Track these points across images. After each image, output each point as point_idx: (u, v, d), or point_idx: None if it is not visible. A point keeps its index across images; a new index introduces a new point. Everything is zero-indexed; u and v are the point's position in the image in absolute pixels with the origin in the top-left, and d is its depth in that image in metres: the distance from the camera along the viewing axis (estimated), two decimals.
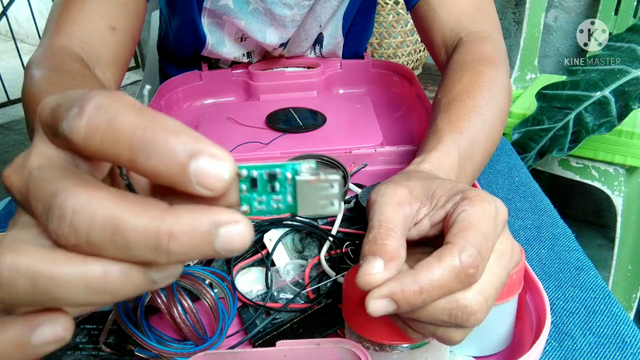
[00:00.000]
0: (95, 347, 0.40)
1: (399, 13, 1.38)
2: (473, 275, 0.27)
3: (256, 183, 0.20)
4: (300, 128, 0.70)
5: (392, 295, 0.27)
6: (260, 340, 0.40)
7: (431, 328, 0.29)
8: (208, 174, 0.17)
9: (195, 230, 0.17)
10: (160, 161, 0.17)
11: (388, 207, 0.31)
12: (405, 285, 0.26)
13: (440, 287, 0.27)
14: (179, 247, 0.17)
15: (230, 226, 0.17)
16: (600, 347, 0.41)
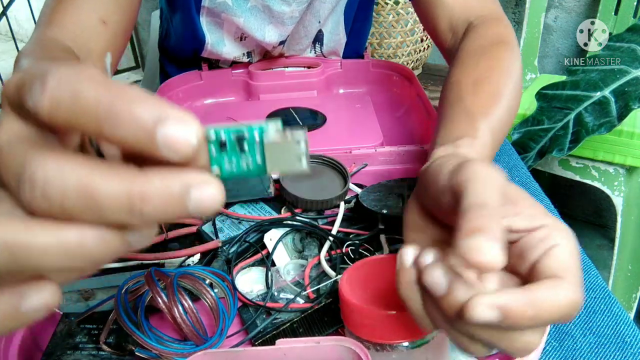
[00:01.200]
0: (95, 347, 0.40)
1: (399, 13, 1.38)
2: (573, 316, 0.26)
3: (225, 145, 0.20)
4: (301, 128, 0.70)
5: (506, 307, 0.25)
6: (260, 340, 0.40)
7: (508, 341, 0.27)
8: (176, 139, 0.17)
9: (168, 192, 0.17)
10: (127, 130, 0.17)
11: (494, 190, 0.27)
12: (523, 301, 0.25)
13: (550, 315, 0.26)
14: (152, 209, 0.17)
15: (201, 187, 0.18)
16: (601, 347, 0.41)
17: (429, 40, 1.49)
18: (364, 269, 0.37)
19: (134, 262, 0.47)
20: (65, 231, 0.18)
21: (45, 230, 0.17)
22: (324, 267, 0.45)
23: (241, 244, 0.48)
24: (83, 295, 0.44)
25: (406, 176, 0.58)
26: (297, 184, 0.54)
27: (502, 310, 0.25)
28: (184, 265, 0.47)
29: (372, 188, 0.54)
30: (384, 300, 0.33)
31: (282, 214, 0.53)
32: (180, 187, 0.18)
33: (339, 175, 0.57)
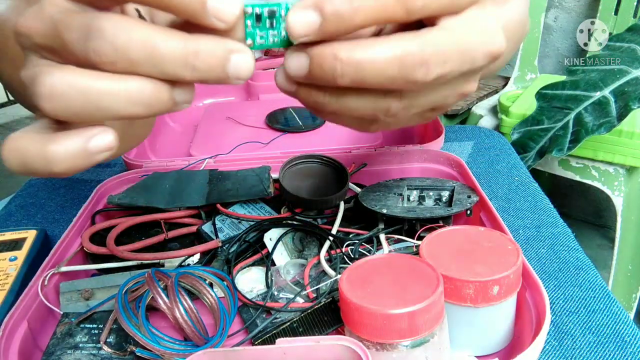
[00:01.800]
0: (95, 347, 0.40)
1: None
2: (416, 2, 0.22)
3: (260, 19, 0.23)
4: (300, 128, 0.70)
5: (318, 2, 0.22)
6: (260, 340, 0.40)
7: (367, 101, 0.24)
8: (223, 8, 0.21)
9: (215, 52, 0.21)
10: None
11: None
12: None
13: (380, 4, 0.22)
14: (202, 64, 0.21)
15: (239, 54, 0.22)
16: (600, 347, 0.42)
17: None
18: (364, 269, 0.37)
19: (134, 262, 0.47)
20: (130, 80, 0.21)
21: (113, 78, 0.21)
22: (324, 266, 0.45)
23: (241, 244, 0.49)
24: (83, 295, 0.44)
25: (406, 176, 0.58)
26: (297, 184, 0.54)
27: (316, 5, 0.22)
28: (184, 265, 0.47)
29: (372, 188, 0.55)
30: (384, 299, 0.33)
31: (282, 213, 0.53)
32: (224, 51, 0.21)
33: (338, 176, 0.57)
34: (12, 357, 0.38)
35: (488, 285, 0.36)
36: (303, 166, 0.58)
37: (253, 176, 0.55)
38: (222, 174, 0.56)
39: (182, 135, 0.77)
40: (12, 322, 0.39)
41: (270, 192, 0.53)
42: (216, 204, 0.52)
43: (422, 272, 0.35)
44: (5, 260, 0.50)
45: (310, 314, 0.41)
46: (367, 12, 0.22)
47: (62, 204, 0.66)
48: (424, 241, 0.40)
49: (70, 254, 0.48)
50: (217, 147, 0.64)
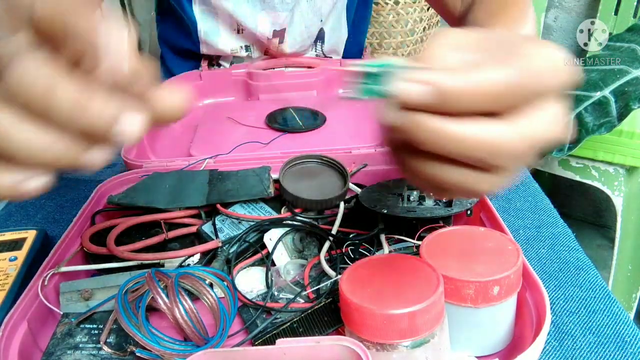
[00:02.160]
0: (95, 347, 0.40)
1: (399, 13, 1.38)
2: (517, 96, 0.24)
3: (368, 75, 0.25)
4: (300, 128, 0.70)
5: (439, 83, 0.23)
6: (260, 340, 0.40)
7: (457, 174, 0.26)
8: (114, 66, 0.22)
9: (102, 113, 0.21)
10: (80, 45, 0.21)
11: (441, 47, 0.27)
12: (459, 77, 0.23)
13: (491, 94, 0.23)
14: (87, 120, 0.21)
15: (128, 117, 0.22)
16: (600, 347, 0.41)
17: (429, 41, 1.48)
18: (364, 269, 0.37)
19: (134, 262, 0.47)
20: (28, 125, 0.21)
21: (12, 120, 0.20)
22: (324, 267, 0.45)
23: (241, 244, 0.48)
24: (83, 296, 0.44)
25: None
26: (297, 184, 0.54)
27: (437, 85, 0.23)
28: (184, 265, 0.47)
29: (372, 188, 0.54)
30: (384, 299, 0.33)
31: (282, 213, 0.53)
32: (113, 111, 0.21)
33: (338, 175, 0.57)
34: (12, 357, 0.38)
35: (488, 286, 0.36)
36: (303, 166, 0.58)
37: (253, 176, 0.55)
38: (222, 174, 0.56)
39: (182, 135, 0.77)
40: (12, 322, 0.39)
41: (270, 192, 0.53)
42: (216, 204, 0.52)
43: (422, 272, 0.35)
44: (5, 260, 0.50)
45: (310, 314, 0.41)
46: (478, 101, 0.23)
47: (62, 204, 0.66)
48: (424, 241, 0.40)
49: (70, 254, 0.48)
50: (217, 147, 0.64)
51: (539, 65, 0.24)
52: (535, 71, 0.24)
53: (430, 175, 0.26)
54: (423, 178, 0.27)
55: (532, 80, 0.24)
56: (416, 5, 1.38)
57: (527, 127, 0.25)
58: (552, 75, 0.25)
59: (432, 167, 0.26)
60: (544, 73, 0.25)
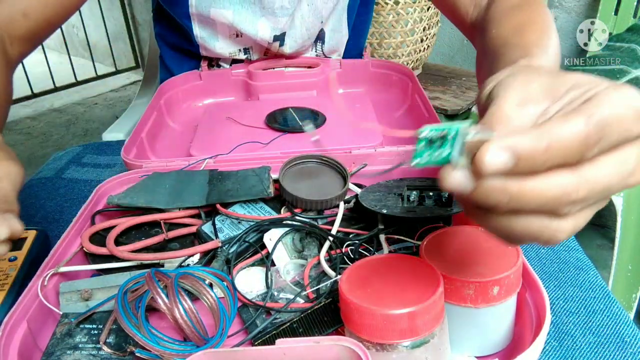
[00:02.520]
0: (95, 347, 0.40)
1: (399, 13, 1.38)
2: (591, 148, 0.23)
3: (432, 142, 0.26)
4: (300, 128, 0.70)
5: (514, 148, 0.23)
6: (260, 340, 0.40)
7: (529, 226, 0.26)
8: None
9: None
10: None
11: (508, 102, 0.27)
12: (531, 138, 0.23)
13: (564, 149, 0.23)
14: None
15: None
16: (600, 347, 0.41)
17: (429, 40, 1.49)
18: (363, 269, 0.37)
19: (133, 263, 0.47)
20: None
21: None
22: (324, 267, 0.45)
23: (241, 244, 0.48)
24: (83, 296, 0.44)
25: (406, 176, 0.58)
26: (297, 184, 0.54)
27: (512, 150, 0.23)
28: (184, 265, 0.47)
29: (372, 188, 0.54)
30: (384, 299, 0.33)
31: (282, 213, 0.53)
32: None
33: (338, 175, 0.57)
34: (12, 357, 0.38)
35: (488, 286, 0.36)
36: (303, 166, 0.58)
37: (253, 176, 0.55)
38: (222, 174, 0.56)
39: (182, 135, 0.77)
40: (12, 322, 0.39)
41: (270, 192, 0.53)
42: (216, 204, 0.52)
43: (422, 272, 0.35)
44: (5, 260, 0.50)
45: (310, 314, 0.41)
46: (552, 158, 0.23)
47: (62, 204, 0.66)
48: (424, 241, 0.40)
49: (70, 254, 0.48)
50: (217, 147, 0.64)
51: (615, 113, 0.24)
52: (614, 119, 0.24)
53: (506, 229, 0.26)
54: (499, 232, 0.27)
55: (608, 130, 0.24)
56: (416, 5, 1.38)
57: (589, 174, 0.24)
58: (631, 121, 0.24)
59: (507, 221, 0.26)
60: (622, 120, 0.24)
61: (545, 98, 0.27)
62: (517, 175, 0.24)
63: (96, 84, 3.17)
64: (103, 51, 3.30)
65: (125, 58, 3.29)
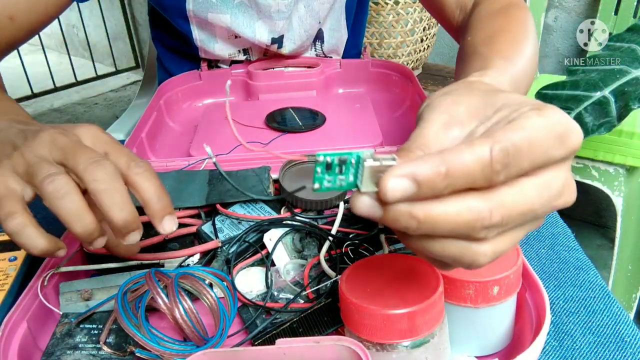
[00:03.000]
0: (95, 347, 0.40)
1: (399, 13, 1.38)
2: (498, 173, 0.23)
3: (331, 166, 0.25)
4: (300, 128, 0.70)
5: (414, 175, 0.23)
6: (260, 340, 0.40)
7: (447, 249, 0.26)
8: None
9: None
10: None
11: (432, 125, 0.28)
12: (431, 165, 0.23)
13: (466, 174, 0.23)
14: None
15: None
16: (600, 347, 0.41)
17: (429, 40, 1.49)
18: (363, 269, 0.37)
19: (133, 262, 0.47)
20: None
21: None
22: (324, 267, 0.45)
23: (241, 244, 0.48)
24: (83, 296, 0.44)
25: None
26: (297, 184, 0.54)
27: (412, 176, 0.23)
28: (184, 265, 0.47)
29: None
30: (384, 299, 0.33)
31: (282, 214, 0.53)
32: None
33: None
34: (12, 357, 0.38)
35: (488, 286, 0.36)
36: (303, 166, 0.58)
37: (253, 176, 0.55)
38: (221, 178, 0.56)
39: (182, 135, 0.77)
40: (12, 322, 0.39)
41: (270, 192, 0.53)
42: (216, 204, 0.52)
43: (422, 272, 0.35)
44: (5, 260, 0.50)
45: (310, 314, 0.41)
46: (455, 183, 0.23)
47: None
48: None
49: (70, 254, 0.48)
50: (217, 147, 0.64)
51: (532, 137, 0.24)
52: (526, 145, 0.24)
53: (425, 251, 0.26)
54: (419, 253, 0.27)
55: (521, 155, 0.24)
56: (416, 5, 1.38)
57: (504, 198, 0.24)
58: (550, 146, 0.24)
59: (424, 243, 0.26)
60: (539, 145, 0.24)
61: (472, 119, 0.28)
62: (422, 200, 0.24)
63: (96, 84, 3.17)
64: (103, 51, 3.30)
65: (125, 58, 3.29)
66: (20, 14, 0.61)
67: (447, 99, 0.29)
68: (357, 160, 0.25)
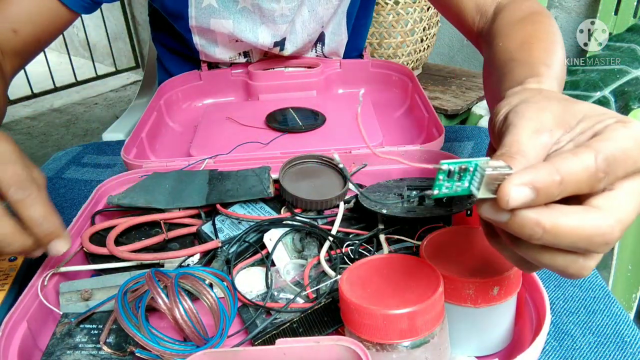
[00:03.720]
0: (95, 347, 0.40)
1: (399, 13, 1.38)
2: (600, 181, 0.26)
3: (451, 174, 0.27)
4: (300, 128, 0.70)
5: (534, 183, 0.25)
6: (260, 340, 0.40)
7: (557, 260, 0.27)
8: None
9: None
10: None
11: (524, 132, 0.29)
12: (547, 173, 0.25)
13: (576, 181, 0.25)
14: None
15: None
16: (600, 347, 0.41)
17: (429, 40, 1.49)
18: (363, 269, 0.37)
19: (133, 263, 0.47)
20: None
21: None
22: (324, 267, 0.45)
23: (241, 244, 0.48)
24: (83, 296, 0.44)
25: (406, 176, 0.58)
26: (297, 184, 0.54)
27: (531, 184, 0.25)
28: (184, 265, 0.47)
29: (372, 188, 0.54)
30: (384, 299, 0.33)
31: (282, 214, 0.53)
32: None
33: (338, 176, 0.57)
34: (12, 357, 0.38)
35: (488, 286, 0.36)
36: (303, 166, 0.58)
37: (253, 176, 0.55)
38: (222, 174, 0.56)
39: (182, 135, 0.77)
40: (12, 322, 0.39)
41: (270, 192, 0.53)
42: (216, 204, 0.52)
43: (422, 272, 0.35)
44: (5, 260, 0.50)
45: (310, 314, 0.41)
46: (566, 190, 0.25)
47: (62, 204, 0.66)
48: (424, 241, 0.40)
49: (70, 254, 0.48)
50: (217, 147, 0.64)
51: (625, 147, 0.26)
52: (621, 154, 0.26)
53: (534, 260, 0.28)
54: (525, 261, 0.29)
55: (619, 163, 0.26)
56: (416, 5, 1.38)
57: (619, 213, 0.26)
58: (638, 156, 0.26)
59: (536, 254, 0.27)
60: (631, 156, 0.26)
61: (558, 127, 0.29)
62: (541, 207, 0.26)
63: (96, 84, 3.17)
64: (103, 51, 3.30)
65: (125, 58, 3.29)
66: (24, 27, 0.62)
67: (531, 105, 0.31)
68: (474, 168, 0.27)
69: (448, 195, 0.28)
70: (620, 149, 0.26)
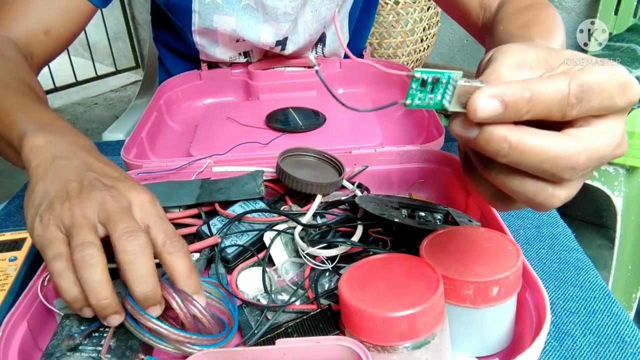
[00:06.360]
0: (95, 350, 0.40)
1: (399, 13, 1.38)
2: (573, 107, 0.26)
3: (425, 84, 0.27)
4: (300, 128, 0.70)
5: (502, 96, 0.25)
6: (260, 340, 0.40)
7: (526, 185, 0.27)
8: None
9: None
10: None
11: (504, 65, 0.29)
12: (517, 89, 0.25)
13: (547, 102, 0.25)
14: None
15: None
16: (600, 347, 0.41)
17: (429, 40, 1.49)
18: (363, 270, 0.37)
19: None
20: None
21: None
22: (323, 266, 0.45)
23: (241, 240, 0.48)
24: None
25: (405, 176, 0.58)
26: (295, 170, 0.54)
27: (500, 97, 0.25)
28: None
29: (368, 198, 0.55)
30: (384, 301, 0.33)
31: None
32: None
33: (335, 171, 0.57)
34: (12, 358, 0.38)
35: (488, 286, 0.36)
36: (300, 158, 0.58)
37: (246, 178, 0.55)
38: (214, 181, 0.56)
39: (182, 135, 0.77)
40: (12, 322, 0.39)
41: (262, 191, 0.52)
42: (211, 203, 0.52)
43: (422, 273, 0.35)
44: (5, 260, 0.50)
45: (310, 315, 0.41)
46: (535, 109, 0.26)
47: None
48: (424, 241, 0.40)
49: None
50: (217, 147, 0.64)
51: (601, 80, 0.26)
52: (596, 86, 0.26)
53: (503, 183, 0.28)
54: (496, 185, 0.28)
55: (592, 94, 0.26)
56: (416, 5, 1.38)
57: (588, 142, 0.26)
58: (614, 92, 0.26)
59: (505, 176, 0.27)
60: (606, 89, 0.26)
61: (540, 66, 0.29)
62: (510, 125, 0.26)
63: (96, 84, 3.17)
64: (103, 51, 3.30)
65: (125, 58, 3.29)
66: (55, 28, 0.62)
67: (516, 45, 0.31)
68: (447, 81, 0.27)
69: (420, 106, 0.28)
70: (596, 81, 0.26)
